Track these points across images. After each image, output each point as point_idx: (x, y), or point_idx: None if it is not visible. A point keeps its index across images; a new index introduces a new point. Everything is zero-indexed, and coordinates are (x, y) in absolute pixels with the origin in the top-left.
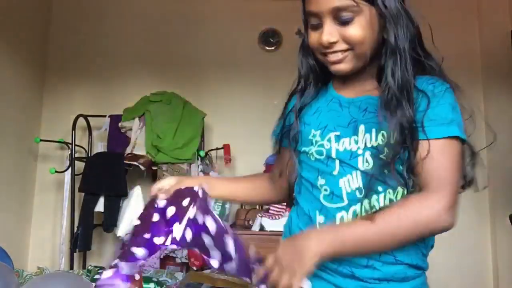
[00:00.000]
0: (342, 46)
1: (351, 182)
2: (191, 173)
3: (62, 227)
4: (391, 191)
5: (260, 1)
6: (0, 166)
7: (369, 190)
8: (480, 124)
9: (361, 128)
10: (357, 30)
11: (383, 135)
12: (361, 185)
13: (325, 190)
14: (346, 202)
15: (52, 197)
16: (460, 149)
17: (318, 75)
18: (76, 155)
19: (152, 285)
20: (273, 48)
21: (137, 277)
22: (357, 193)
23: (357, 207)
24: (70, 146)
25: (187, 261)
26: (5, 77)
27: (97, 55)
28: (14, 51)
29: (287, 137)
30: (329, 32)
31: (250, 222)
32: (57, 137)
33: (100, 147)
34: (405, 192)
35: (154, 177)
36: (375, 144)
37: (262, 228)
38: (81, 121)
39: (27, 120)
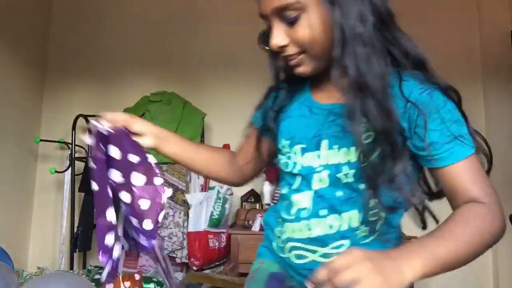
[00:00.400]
0: (293, 49)
1: (302, 201)
2: (191, 173)
3: (62, 227)
4: (335, 216)
5: None
6: (0, 166)
7: (313, 211)
8: (480, 124)
9: (324, 143)
10: (304, 30)
11: (345, 152)
12: (308, 206)
13: (286, 200)
14: (294, 217)
15: (52, 197)
16: (477, 161)
17: (290, 76)
18: (76, 155)
19: (152, 285)
20: None
21: (137, 277)
22: (303, 212)
23: (301, 224)
24: (70, 146)
25: (187, 261)
26: (5, 77)
27: (97, 55)
28: (14, 51)
29: (266, 134)
30: (277, 35)
31: (250, 222)
32: (57, 137)
33: None
34: (361, 217)
35: None
36: (335, 162)
37: (262, 228)
38: (81, 121)
39: (27, 120)
